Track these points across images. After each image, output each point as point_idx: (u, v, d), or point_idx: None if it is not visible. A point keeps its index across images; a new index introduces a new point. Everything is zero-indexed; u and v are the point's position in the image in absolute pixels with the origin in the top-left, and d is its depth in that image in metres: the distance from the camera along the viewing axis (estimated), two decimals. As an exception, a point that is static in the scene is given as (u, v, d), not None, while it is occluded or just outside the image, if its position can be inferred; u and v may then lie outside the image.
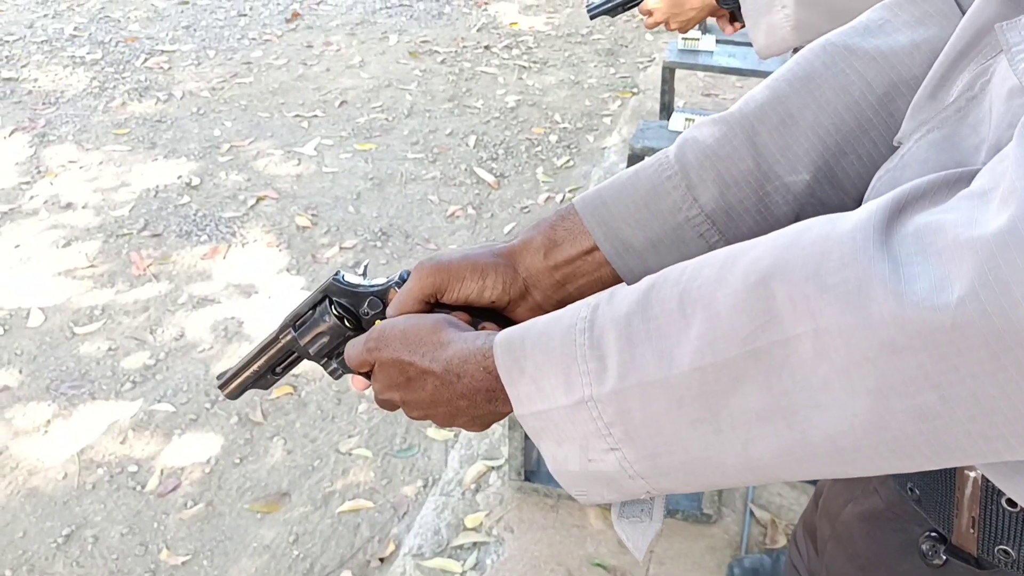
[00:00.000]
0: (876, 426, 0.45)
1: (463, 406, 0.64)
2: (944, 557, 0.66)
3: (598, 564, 1.86)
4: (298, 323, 0.78)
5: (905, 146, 0.61)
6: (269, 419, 2.35)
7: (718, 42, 3.30)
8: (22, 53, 4.60)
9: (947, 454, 0.45)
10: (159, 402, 2.40)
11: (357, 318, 0.76)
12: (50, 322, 2.70)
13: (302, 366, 0.84)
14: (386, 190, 3.45)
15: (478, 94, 4.26)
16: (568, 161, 3.69)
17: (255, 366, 0.81)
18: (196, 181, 3.48)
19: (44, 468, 2.20)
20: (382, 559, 1.97)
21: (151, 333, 2.66)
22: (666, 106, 3.36)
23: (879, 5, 0.72)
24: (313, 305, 0.77)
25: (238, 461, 2.23)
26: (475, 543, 1.93)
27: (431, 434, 2.31)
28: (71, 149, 3.71)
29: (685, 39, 3.24)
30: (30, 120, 3.93)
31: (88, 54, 4.61)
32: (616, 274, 0.73)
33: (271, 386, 0.83)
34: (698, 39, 3.25)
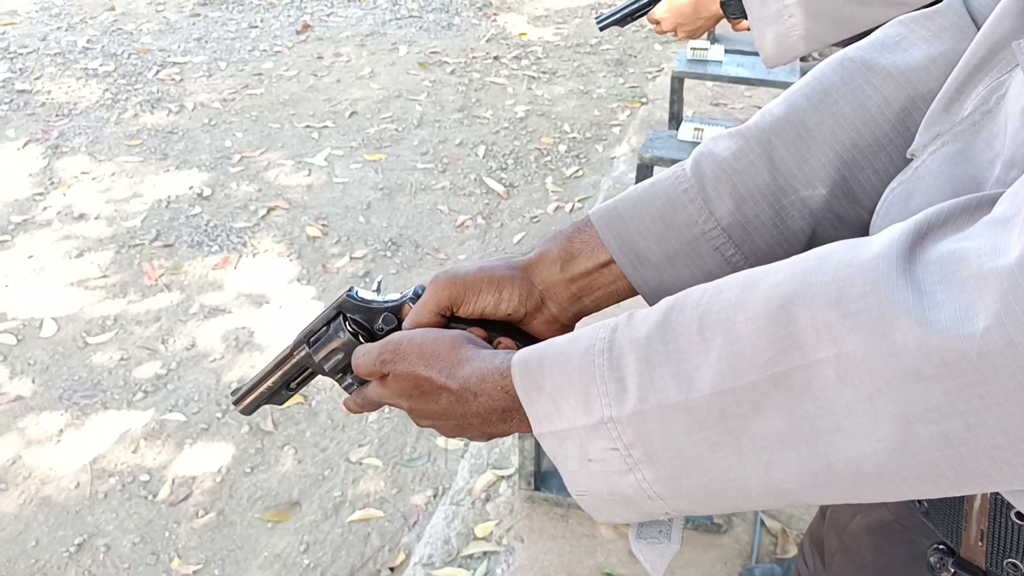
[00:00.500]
0: (900, 452, 0.45)
1: (476, 424, 0.64)
2: (952, 570, 0.65)
3: (608, 574, 1.85)
4: (312, 339, 0.78)
5: (919, 159, 0.61)
6: (280, 429, 2.36)
7: (727, 52, 3.30)
8: (36, 65, 4.64)
9: (971, 480, 0.45)
10: (171, 412, 2.41)
11: (371, 334, 0.76)
12: (63, 332, 2.72)
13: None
14: (396, 200, 3.47)
15: (487, 104, 4.28)
16: (577, 171, 3.70)
17: (269, 382, 0.81)
18: (207, 192, 3.50)
19: (57, 477, 2.22)
20: (392, 568, 1.97)
21: (163, 343, 2.68)
22: (675, 116, 3.37)
23: (895, 21, 0.72)
24: (327, 321, 0.77)
25: (249, 470, 2.24)
26: (485, 552, 1.93)
27: (441, 444, 2.32)
28: (84, 160, 3.74)
29: (694, 49, 3.25)
30: (43, 132, 3.96)
31: (101, 66, 4.65)
32: (632, 287, 0.73)
33: (285, 401, 0.83)
34: (707, 49, 3.26)
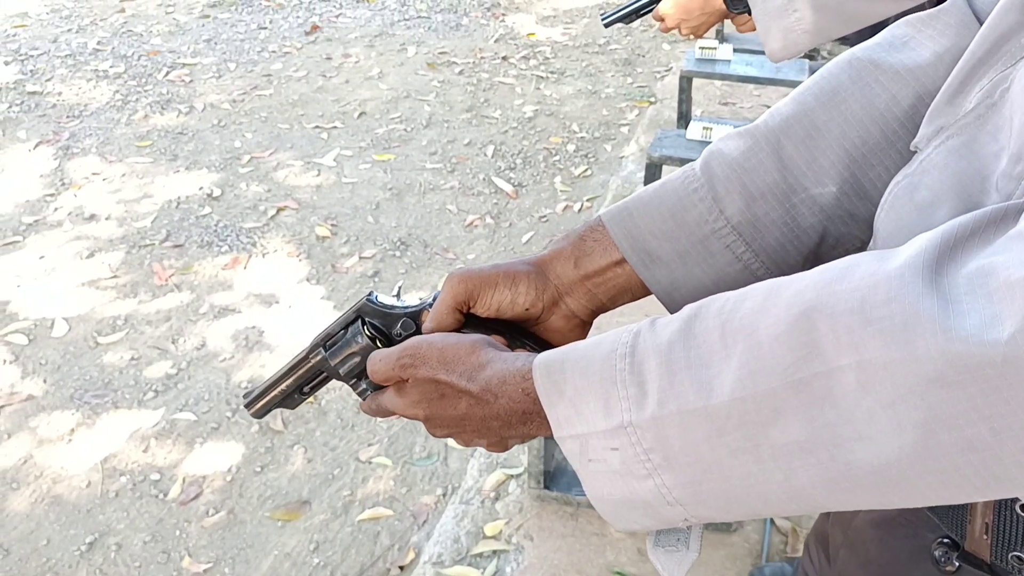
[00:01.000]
0: (923, 458, 0.45)
1: (495, 427, 0.64)
2: (957, 564, 0.65)
3: (618, 572, 1.85)
4: (329, 343, 0.77)
5: (924, 152, 0.61)
6: (290, 428, 2.37)
7: (735, 51, 3.30)
8: (46, 67, 4.67)
9: (996, 485, 0.45)
10: (181, 411, 2.42)
11: (389, 339, 0.76)
12: (74, 332, 2.73)
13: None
14: (405, 200, 3.47)
15: (496, 104, 4.28)
16: (586, 170, 3.70)
17: (283, 385, 0.81)
18: (217, 192, 3.51)
19: (68, 476, 2.23)
20: (402, 567, 1.98)
21: (173, 343, 2.69)
22: (683, 115, 3.37)
23: (902, 21, 0.73)
24: (345, 325, 0.77)
25: (259, 469, 2.25)
26: (495, 551, 1.93)
27: (451, 443, 2.32)
28: (94, 161, 3.76)
29: (702, 48, 3.25)
30: (54, 133, 3.98)
31: (111, 68, 4.67)
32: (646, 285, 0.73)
33: (297, 406, 0.83)
34: (715, 48, 3.25)
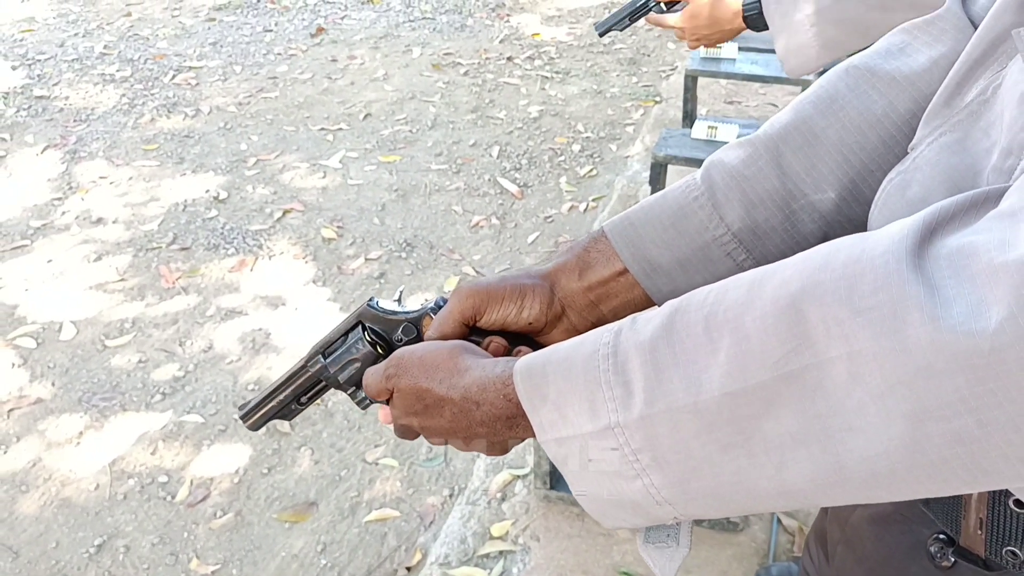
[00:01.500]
0: (912, 450, 0.45)
1: (482, 433, 0.64)
2: (952, 559, 0.66)
3: (624, 573, 1.85)
4: (328, 350, 0.77)
5: (917, 149, 0.61)
6: (296, 430, 2.37)
7: (741, 49, 3.29)
8: (53, 72, 4.69)
9: (984, 477, 0.45)
10: (188, 413, 2.43)
11: (390, 345, 0.75)
12: (82, 335, 2.74)
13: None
14: (410, 201, 3.48)
15: (501, 105, 4.28)
16: (591, 170, 3.70)
17: (280, 396, 0.80)
18: (223, 195, 3.52)
19: (76, 479, 2.24)
20: (409, 568, 1.98)
21: (180, 345, 2.70)
22: (689, 114, 3.37)
23: (898, 29, 0.74)
24: (345, 331, 0.76)
25: (266, 471, 2.25)
26: (501, 552, 1.93)
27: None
28: (101, 165, 3.77)
29: (707, 47, 3.24)
30: (61, 137, 4.00)
31: (118, 71, 4.69)
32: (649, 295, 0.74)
33: (294, 417, 0.82)
34: (720, 47, 3.25)
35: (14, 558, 2.03)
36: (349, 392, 0.77)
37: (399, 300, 0.79)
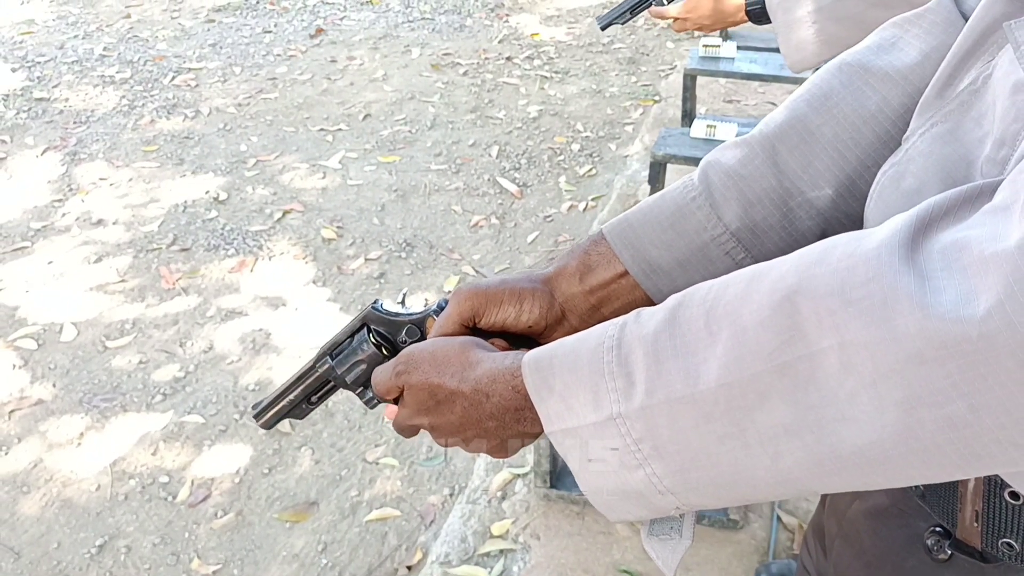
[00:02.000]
0: (905, 437, 0.45)
1: (491, 427, 0.64)
2: (949, 552, 0.66)
3: (625, 571, 1.86)
4: (335, 352, 0.78)
5: (910, 140, 0.62)
6: (297, 430, 2.38)
7: (739, 48, 3.29)
8: (53, 74, 4.69)
9: (977, 462, 0.45)
10: (189, 414, 2.44)
11: (394, 346, 0.76)
12: (82, 336, 2.75)
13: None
14: (410, 201, 3.48)
15: (500, 105, 4.29)
16: (591, 170, 3.70)
17: (291, 395, 0.82)
18: (223, 196, 3.53)
19: (77, 480, 2.24)
20: (410, 567, 1.98)
21: (181, 346, 2.70)
22: (688, 113, 3.37)
23: (889, 23, 0.74)
24: (351, 333, 0.77)
25: (267, 471, 2.26)
26: (501, 550, 1.93)
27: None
28: (102, 166, 3.78)
29: (706, 46, 3.25)
30: (62, 139, 4.01)
31: (117, 73, 4.70)
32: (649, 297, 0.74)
33: (305, 415, 0.83)
34: (719, 46, 3.25)
35: (16, 559, 2.03)
36: (357, 392, 0.78)
37: (403, 302, 0.80)
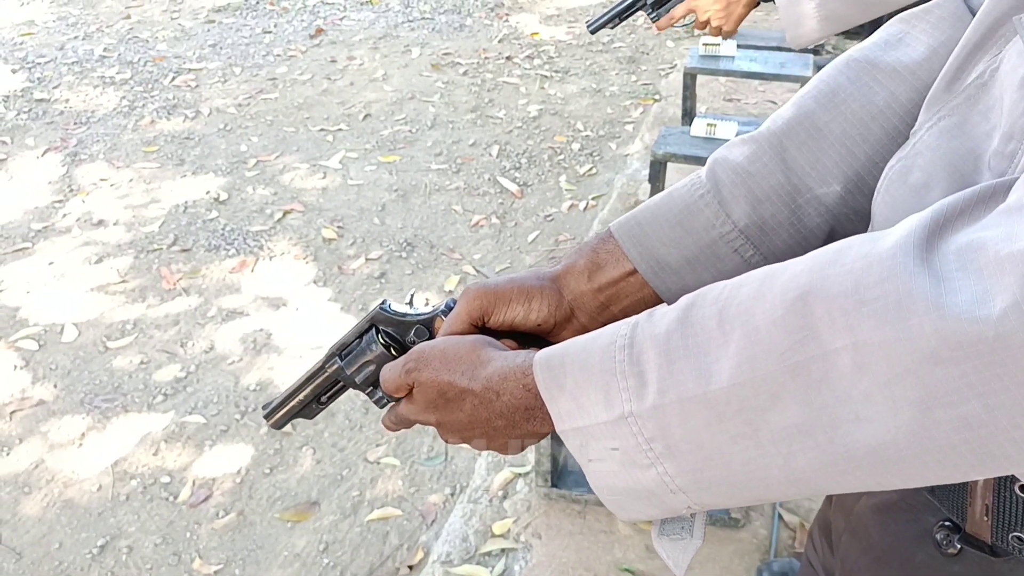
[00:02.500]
0: (920, 437, 0.45)
1: (501, 426, 0.64)
2: (958, 546, 0.66)
3: (626, 570, 1.86)
4: (344, 352, 0.78)
5: (917, 135, 0.61)
6: (298, 429, 2.38)
7: (739, 47, 3.29)
8: (53, 75, 4.69)
9: (992, 462, 0.45)
10: (190, 414, 2.44)
11: (403, 346, 0.76)
12: (83, 337, 2.75)
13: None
14: (410, 201, 3.48)
15: (500, 104, 4.29)
16: (591, 169, 3.70)
17: (300, 396, 0.82)
18: (224, 196, 3.53)
19: (79, 480, 2.24)
20: (411, 567, 1.98)
21: (182, 346, 2.70)
22: (688, 112, 3.37)
23: (896, 19, 0.74)
24: (360, 334, 0.78)
25: (268, 471, 2.26)
26: (503, 550, 1.93)
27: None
28: (102, 167, 3.78)
29: (706, 45, 3.25)
30: (62, 140, 4.01)
31: (118, 74, 4.70)
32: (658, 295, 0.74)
33: (315, 415, 0.84)
34: (719, 44, 3.25)
35: (17, 559, 2.03)
36: (367, 392, 0.79)
37: (410, 302, 0.80)
